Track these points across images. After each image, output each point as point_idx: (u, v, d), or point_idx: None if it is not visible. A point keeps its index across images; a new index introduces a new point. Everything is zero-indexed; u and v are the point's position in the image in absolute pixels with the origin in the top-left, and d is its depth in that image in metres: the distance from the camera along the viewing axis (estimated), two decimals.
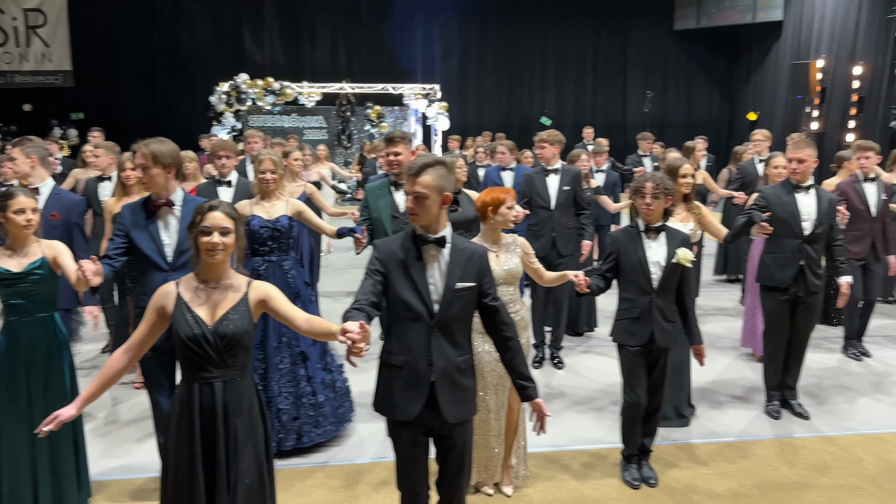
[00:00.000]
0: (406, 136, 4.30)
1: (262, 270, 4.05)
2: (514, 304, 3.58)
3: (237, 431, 2.50)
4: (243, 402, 2.53)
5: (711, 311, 7.20)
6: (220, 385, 2.48)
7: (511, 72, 19.95)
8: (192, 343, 2.44)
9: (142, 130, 10.39)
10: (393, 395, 2.60)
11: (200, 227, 2.47)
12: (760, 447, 4.25)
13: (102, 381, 2.54)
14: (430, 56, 19.55)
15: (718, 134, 19.32)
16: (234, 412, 2.50)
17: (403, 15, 19.26)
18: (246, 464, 2.51)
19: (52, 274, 3.32)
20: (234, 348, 2.48)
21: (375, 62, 19.07)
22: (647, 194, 3.58)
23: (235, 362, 2.51)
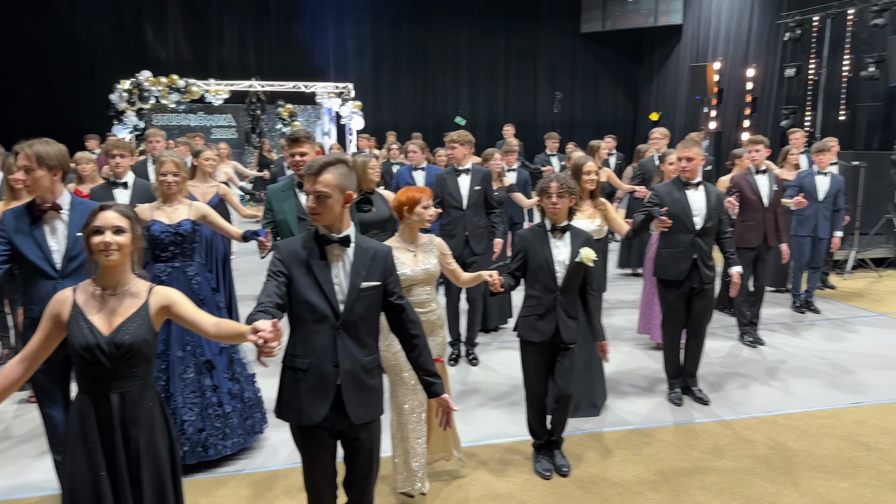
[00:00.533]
0: (311, 136, 4.22)
1: (164, 277, 3.90)
2: (431, 304, 3.59)
3: (137, 444, 2.40)
4: (143, 414, 2.42)
5: (616, 304, 7.46)
6: (116, 397, 2.37)
7: (425, 71, 20.03)
8: (87, 353, 2.32)
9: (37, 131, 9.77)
10: (297, 399, 2.55)
11: (92, 227, 2.36)
12: (663, 433, 4.43)
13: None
14: (342, 54, 19.36)
15: (624, 133, 20.02)
16: (133, 425, 2.39)
17: (314, 12, 18.99)
18: (148, 478, 2.41)
19: None
20: (132, 358, 2.37)
21: (286, 60, 18.72)
22: (553, 194, 3.68)
23: (134, 373, 2.40)
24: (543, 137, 10.16)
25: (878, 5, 11.78)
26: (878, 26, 11.84)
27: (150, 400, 2.47)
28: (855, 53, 13.00)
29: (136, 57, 17.22)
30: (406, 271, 3.47)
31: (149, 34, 18.02)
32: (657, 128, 7.95)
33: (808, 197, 6.67)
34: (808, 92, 14.00)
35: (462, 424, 4.50)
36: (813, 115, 13.89)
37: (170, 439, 2.53)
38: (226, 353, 4.05)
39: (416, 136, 11.39)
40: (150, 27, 18.01)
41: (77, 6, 17.34)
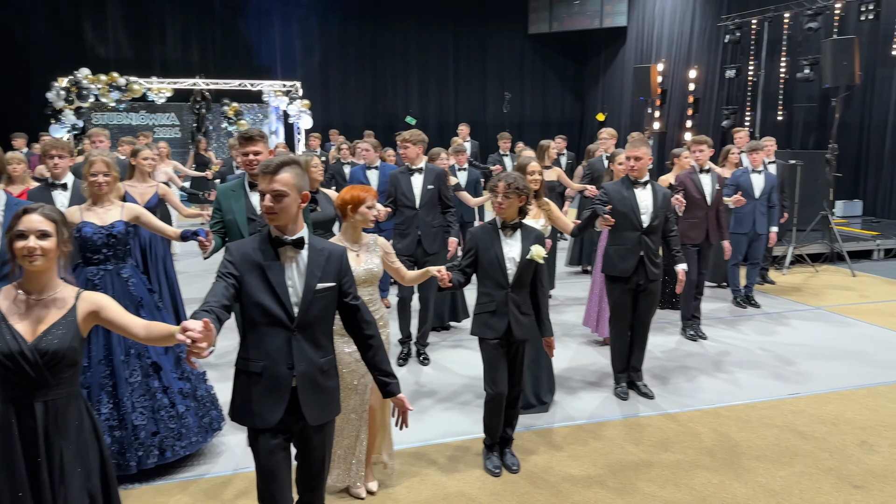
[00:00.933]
0: (264, 135, 4.15)
1: (97, 280, 3.78)
2: (374, 304, 3.58)
3: (63, 456, 2.31)
4: (69, 424, 2.33)
5: (566, 301, 7.56)
6: (41, 406, 2.28)
7: (375, 70, 19.94)
8: (9, 360, 2.23)
9: None
10: (252, 403, 2.51)
11: (16, 231, 2.27)
12: (610, 428, 4.51)
13: None
14: (290, 52, 19.11)
15: (571, 133, 20.32)
16: (57, 435, 2.30)
17: (260, 9, 18.71)
18: (75, 491, 2.32)
19: None
20: (56, 366, 2.28)
21: (231, 57, 18.39)
22: (500, 193, 3.71)
23: (59, 381, 2.31)
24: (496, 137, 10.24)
25: (812, 9, 12.23)
26: (812, 30, 12.30)
27: (77, 408, 2.38)
28: (791, 56, 13.48)
29: (75, 54, 16.67)
30: None
31: (88, 31, 17.46)
32: (605, 128, 8.10)
33: (745, 195, 6.89)
34: (747, 93, 14.46)
35: (412, 424, 4.49)
36: (752, 115, 14.34)
37: (100, 448, 2.45)
38: (172, 353, 3.96)
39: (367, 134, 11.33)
40: (89, 23, 17.45)
41: (10, 2, 16.69)
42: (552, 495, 3.69)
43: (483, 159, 10.99)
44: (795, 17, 13.11)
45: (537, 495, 3.69)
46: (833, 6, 12.20)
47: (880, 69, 12.11)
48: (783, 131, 13.68)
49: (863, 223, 11.59)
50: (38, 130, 13.51)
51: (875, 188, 12.42)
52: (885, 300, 7.72)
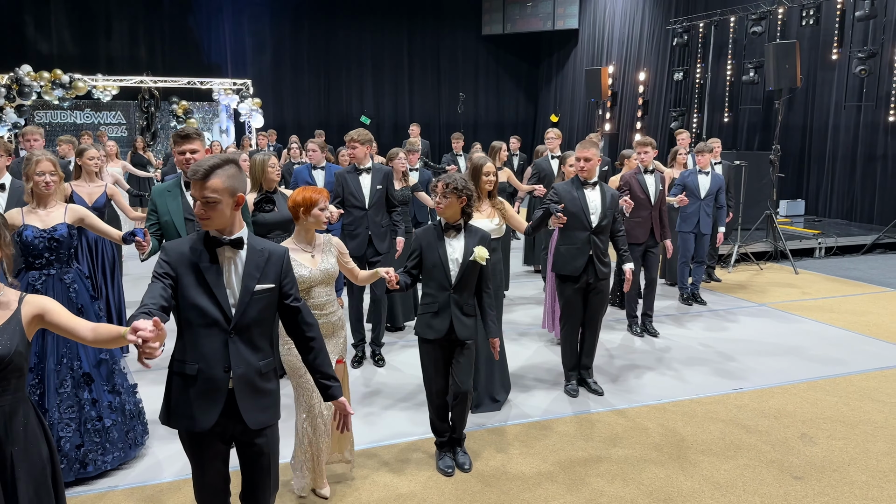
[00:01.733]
0: (201, 133, 4.07)
1: (39, 285, 3.67)
2: (332, 305, 3.56)
3: (13, 461, 2.25)
4: (17, 429, 2.28)
5: (519, 300, 7.62)
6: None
7: (329, 70, 19.79)
8: None
9: None
10: (186, 406, 2.46)
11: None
12: (561, 424, 4.57)
13: None
14: (240, 50, 18.83)
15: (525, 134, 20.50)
16: (8, 441, 2.24)
17: (209, 6, 18.38)
18: (26, 495, 2.26)
19: None
20: (3, 371, 2.21)
21: (180, 55, 18.02)
22: (439, 193, 3.73)
23: (6, 387, 2.24)
24: (450, 137, 10.26)
25: (756, 14, 12.59)
26: (756, 33, 12.66)
27: (25, 413, 2.32)
28: (736, 59, 13.85)
29: (15, 50, 16.13)
30: (304, 272, 3.42)
31: (29, 26, 16.91)
32: (551, 129, 8.20)
33: (691, 195, 7.06)
34: (695, 95, 14.79)
35: (366, 426, 4.48)
36: (700, 117, 14.68)
37: (50, 452, 2.39)
38: (105, 365, 3.85)
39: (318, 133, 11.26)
40: (31, 18, 16.90)
41: None
42: (503, 493, 3.72)
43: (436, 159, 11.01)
44: (741, 21, 13.48)
45: (489, 494, 3.71)
46: (776, 11, 12.59)
47: (821, 73, 12.54)
48: (729, 133, 14.06)
49: (805, 222, 11.99)
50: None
51: (817, 188, 12.85)
52: (827, 297, 7.99)
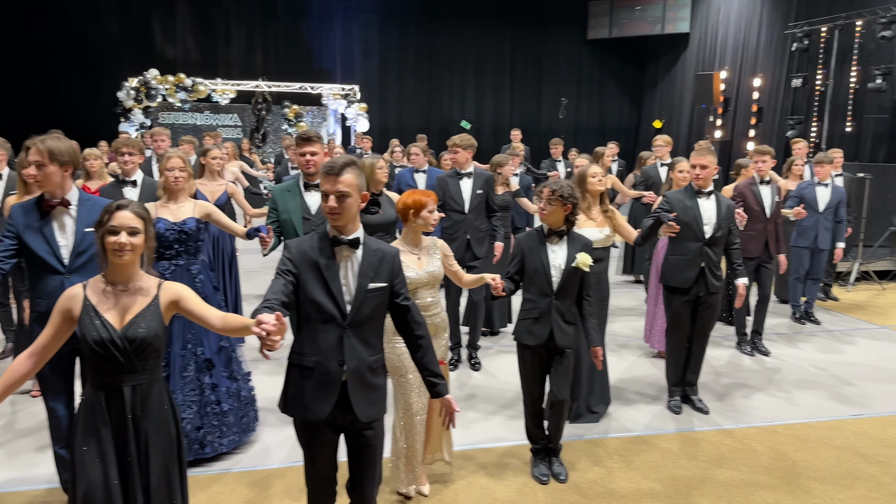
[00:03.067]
0: (321, 136, 4.26)
1: (168, 275, 3.91)
2: (435, 307, 3.61)
3: (147, 437, 2.43)
4: (154, 407, 2.46)
5: (618, 311, 7.46)
6: (129, 390, 2.40)
7: (432, 74, 20.07)
8: (100, 348, 2.35)
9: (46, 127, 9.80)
10: (303, 396, 2.58)
11: (107, 227, 2.38)
12: (664, 441, 4.43)
13: (4, 385, 2.42)
14: (349, 56, 19.40)
15: (627, 140, 20.05)
16: (144, 417, 2.43)
17: (321, 14, 19.04)
18: (157, 469, 2.44)
19: None
20: (143, 352, 2.41)
21: (293, 60, 18.77)
22: (544, 199, 3.70)
23: (145, 366, 2.43)
24: (549, 143, 10.18)
25: (886, 17, 11.79)
26: (885, 38, 11.85)
27: (160, 393, 2.50)
28: (862, 65, 13.00)
29: (145, 55, 17.30)
30: (410, 274, 3.48)
31: (157, 33, 18.08)
32: (660, 135, 7.96)
33: (808, 208, 6.67)
34: (814, 102, 14.00)
35: (462, 429, 4.51)
36: (819, 126, 13.88)
37: (177, 432, 2.57)
38: (224, 352, 4.07)
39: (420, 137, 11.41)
40: (159, 25, 18.07)
41: (87, 4, 17.41)
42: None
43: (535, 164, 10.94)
44: (868, 25, 12.65)
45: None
46: None
47: None
48: (851, 143, 13.21)
49: None
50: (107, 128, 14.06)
51: None
52: None
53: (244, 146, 13.00)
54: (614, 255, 9.16)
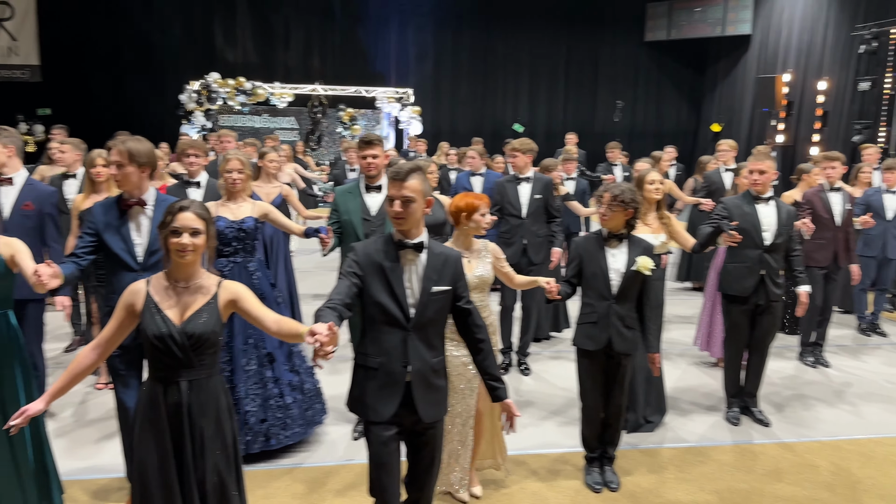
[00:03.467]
0: (382, 140, 4.33)
1: (226, 272, 4.02)
2: (484, 311, 3.62)
3: (203, 431, 2.51)
4: (210, 402, 2.53)
5: (675, 319, 7.32)
6: (185, 384, 2.49)
7: (485, 77, 20.07)
8: (159, 342, 2.44)
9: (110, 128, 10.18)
10: (367, 396, 2.64)
11: (171, 228, 2.48)
12: (720, 453, 4.34)
13: (70, 376, 2.54)
14: (404, 59, 19.58)
15: (685, 144, 19.63)
16: (200, 412, 2.50)
17: (378, 17, 19.26)
18: (212, 464, 2.51)
19: (7, 272, 3.26)
20: (201, 348, 2.49)
21: (349, 64, 19.03)
22: (605, 204, 3.67)
23: (203, 362, 2.51)
24: (605, 147, 10.07)
25: None
26: None
27: (217, 389, 2.58)
28: None
29: (206, 59, 17.80)
30: None
31: (218, 37, 18.57)
32: (725, 140, 7.76)
33: (876, 216, 6.42)
34: (882, 107, 13.48)
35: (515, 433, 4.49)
36: (887, 131, 13.36)
37: (233, 428, 2.64)
38: (286, 346, 4.17)
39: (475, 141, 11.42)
40: (220, 30, 18.56)
41: (152, 9, 18.01)
42: None
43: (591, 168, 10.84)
44: None
45: None
46: None
47: None
48: None
49: None
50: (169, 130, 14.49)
51: None
52: None
53: (298, 148, 13.24)
54: (671, 262, 9.00)
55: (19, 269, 3.24)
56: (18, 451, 3.28)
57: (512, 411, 2.82)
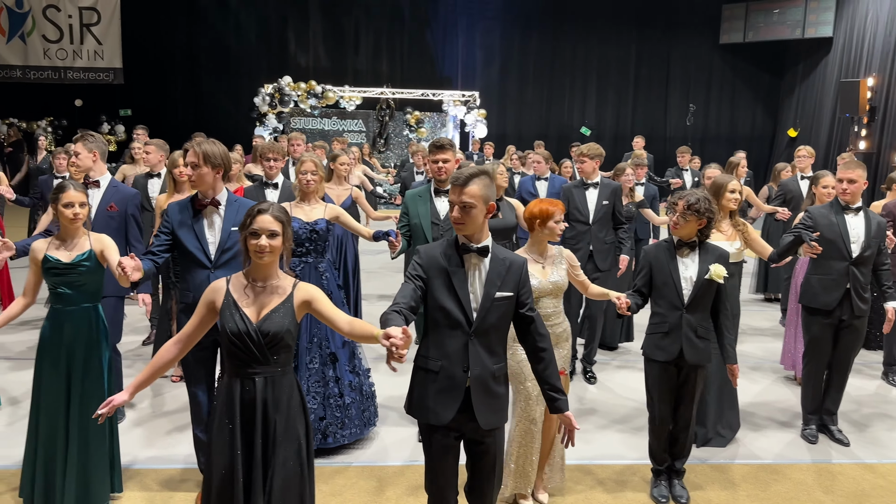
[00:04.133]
0: (454, 144, 4.34)
1: (297, 271, 4.10)
2: (558, 317, 3.58)
3: (276, 427, 2.56)
4: (283, 399, 2.58)
5: (749, 330, 7.07)
6: (261, 381, 2.54)
7: (552, 81, 19.92)
8: (237, 339, 2.51)
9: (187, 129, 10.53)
10: (427, 399, 2.62)
11: (250, 230, 2.54)
12: (797, 471, 4.16)
13: (153, 369, 2.64)
14: (471, 63, 19.63)
15: (760, 150, 19.01)
16: (273, 408, 2.56)
17: (447, 21, 19.38)
18: (282, 459, 2.56)
19: (98, 266, 3.42)
20: (276, 346, 2.54)
21: (416, 68, 19.23)
22: (677, 212, 3.56)
23: (277, 359, 2.57)
24: (675, 151, 9.84)
25: None
26: None
27: (290, 386, 2.63)
28: None
29: (279, 63, 18.28)
30: (534, 283, 3.47)
31: (291, 41, 19.04)
32: (803, 146, 7.44)
33: None
34: None
35: (580, 442, 4.41)
36: None
37: (306, 425, 2.67)
38: (348, 347, 4.22)
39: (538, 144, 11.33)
40: (293, 34, 19.03)
41: (228, 14, 18.61)
42: None
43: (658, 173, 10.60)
44: None
45: None
46: None
47: None
48: None
49: None
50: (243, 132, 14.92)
51: None
52: None
53: (365, 150, 13.46)
54: (746, 272, 8.72)
55: (107, 263, 3.40)
56: (94, 439, 3.43)
57: (571, 423, 2.74)
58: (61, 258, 3.34)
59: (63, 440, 3.37)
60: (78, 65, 18.21)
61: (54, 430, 3.36)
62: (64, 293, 3.37)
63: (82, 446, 3.39)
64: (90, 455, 3.41)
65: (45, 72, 18.06)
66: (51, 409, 3.37)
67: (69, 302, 3.38)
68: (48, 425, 3.36)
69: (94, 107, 17.58)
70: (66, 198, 3.33)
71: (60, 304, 3.39)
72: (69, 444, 3.37)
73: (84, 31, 18.17)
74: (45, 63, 18.02)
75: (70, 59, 18.17)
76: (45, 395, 3.38)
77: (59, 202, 3.33)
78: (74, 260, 3.35)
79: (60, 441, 3.37)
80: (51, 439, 3.37)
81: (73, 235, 3.40)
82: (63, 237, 3.40)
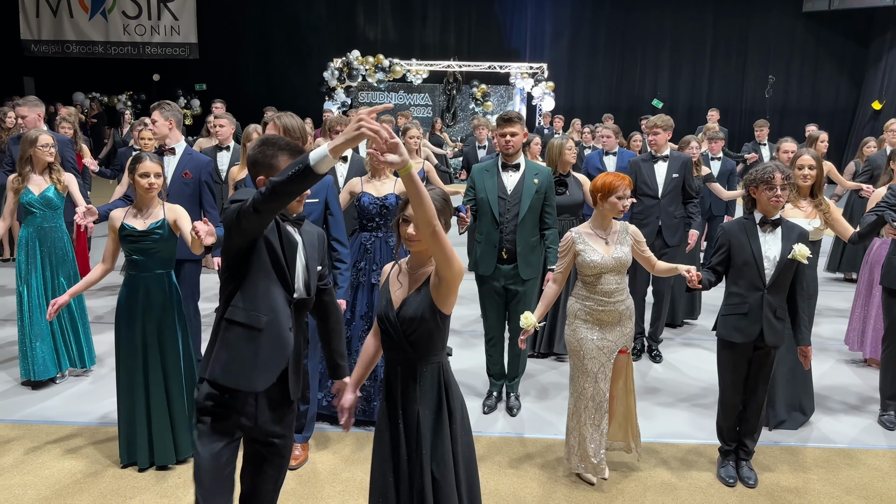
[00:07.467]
0: (521, 117, 4.28)
1: (369, 245, 4.17)
2: (621, 293, 3.53)
3: (419, 420, 2.42)
4: (429, 391, 2.44)
5: (824, 311, 6.82)
6: (401, 367, 2.44)
7: (624, 52, 19.42)
8: (381, 323, 2.45)
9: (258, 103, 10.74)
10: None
11: (401, 216, 2.45)
12: (872, 457, 4.03)
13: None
14: (539, 35, 19.31)
15: (842, 123, 18.10)
16: (419, 399, 2.43)
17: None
18: (429, 454, 2.43)
19: (171, 234, 3.58)
20: (414, 333, 2.40)
21: (484, 40, 19.05)
22: (777, 186, 3.41)
23: (416, 347, 2.41)
24: (753, 125, 9.48)
25: None
26: None
27: (432, 377, 2.46)
28: None
29: (348, 37, 18.41)
30: (596, 258, 3.43)
31: (360, 15, 19.13)
32: (894, 119, 7.02)
33: None
34: None
35: (645, 420, 4.38)
36: None
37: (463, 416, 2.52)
38: None
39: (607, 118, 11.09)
40: (362, 8, 19.11)
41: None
42: None
43: (734, 148, 10.24)
44: None
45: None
46: None
47: None
48: None
49: None
50: (312, 107, 15.14)
51: None
52: None
53: (437, 125, 13.44)
54: (823, 251, 8.39)
55: (180, 231, 3.54)
56: (174, 399, 3.62)
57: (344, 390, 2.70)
58: (136, 226, 3.51)
59: (143, 400, 3.56)
60: (155, 40, 18.82)
61: (134, 389, 3.55)
62: (139, 260, 3.54)
63: (162, 404, 3.58)
64: (173, 412, 3.61)
65: (124, 47, 18.75)
66: (130, 370, 3.56)
67: (143, 268, 3.55)
68: (129, 383, 3.56)
69: (170, 81, 18.16)
70: (142, 168, 3.48)
71: (135, 271, 3.56)
72: (150, 404, 3.57)
73: (161, 7, 18.73)
74: (124, 39, 18.70)
75: (148, 35, 18.79)
76: (124, 357, 3.57)
77: (136, 172, 3.49)
78: (149, 228, 3.51)
79: (140, 401, 3.56)
80: (132, 398, 3.56)
81: (148, 204, 3.56)
82: (139, 206, 3.57)
